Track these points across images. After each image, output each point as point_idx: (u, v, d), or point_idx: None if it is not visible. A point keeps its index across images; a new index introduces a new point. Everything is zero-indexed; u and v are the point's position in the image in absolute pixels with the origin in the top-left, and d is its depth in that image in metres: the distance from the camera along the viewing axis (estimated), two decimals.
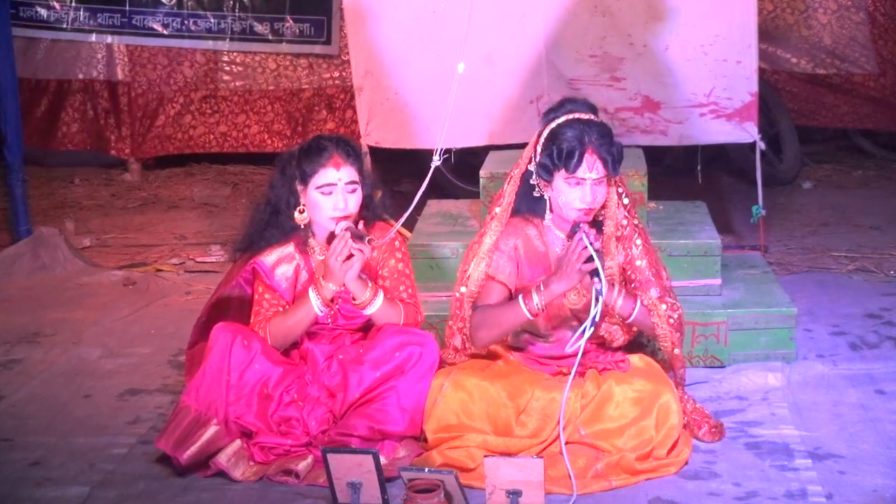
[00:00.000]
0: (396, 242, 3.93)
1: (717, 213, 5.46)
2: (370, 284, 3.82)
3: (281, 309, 3.87)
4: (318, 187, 3.77)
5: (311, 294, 3.76)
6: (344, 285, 3.77)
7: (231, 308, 3.97)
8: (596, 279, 3.59)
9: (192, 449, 3.61)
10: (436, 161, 3.91)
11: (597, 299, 3.60)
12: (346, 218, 3.78)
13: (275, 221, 3.85)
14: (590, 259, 3.58)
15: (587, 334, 3.62)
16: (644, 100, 5.58)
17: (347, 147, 3.85)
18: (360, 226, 3.82)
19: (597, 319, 3.62)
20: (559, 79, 5.57)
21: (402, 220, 3.81)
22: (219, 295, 3.98)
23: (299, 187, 3.82)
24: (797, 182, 7.62)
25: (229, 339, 3.73)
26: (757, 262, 5.24)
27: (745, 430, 3.91)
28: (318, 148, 3.81)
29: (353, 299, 3.81)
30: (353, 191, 3.80)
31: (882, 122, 8.01)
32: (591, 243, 3.58)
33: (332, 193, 3.77)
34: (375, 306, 3.82)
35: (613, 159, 3.68)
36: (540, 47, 5.53)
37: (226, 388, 3.70)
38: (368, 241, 3.72)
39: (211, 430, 3.65)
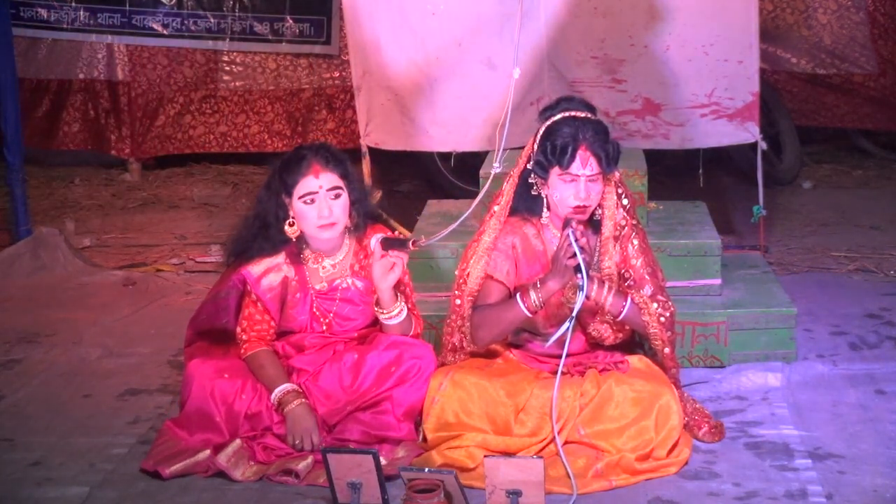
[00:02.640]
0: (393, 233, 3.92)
1: (717, 213, 5.46)
2: (399, 296, 3.82)
3: (268, 324, 3.87)
4: (300, 197, 3.75)
5: (274, 398, 3.75)
6: (304, 250, 3.79)
7: (229, 308, 3.97)
8: (578, 274, 3.60)
9: (177, 466, 3.62)
10: (496, 168, 3.89)
11: (576, 294, 3.63)
12: (332, 226, 3.77)
13: (265, 234, 3.82)
14: (575, 254, 3.59)
15: (567, 326, 3.62)
16: (645, 102, 5.58)
17: (326, 153, 3.81)
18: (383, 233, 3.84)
19: (575, 313, 3.63)
20: (560, 80, 5.56)
21: (446, 231, 3.83)
22: (215, 293, 3.98)
23: (286, 200, 3.81)
24: (797, 182, 7.62)
25: (209, 381, 3.74)
26: (757, 262, 5.24)
27: (745, 430, 3.91)
28: (296, 158, 3.79)
29: (379, 306, 3.81)
30: (337, 196, 3.78)
31: (882, 122, 8.00)
32: (575, 239, 3.59)
33: (314, 202, 3.76)
34: (400, 318, 3.82)
35: (607, 156, 3.69)
36: (541, 49, 5.53)
37: (222, 424, 3.72)
38: (413, 243, 3.71)
39: (202, 455, 3.66)
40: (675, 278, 4.55)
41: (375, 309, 3.82)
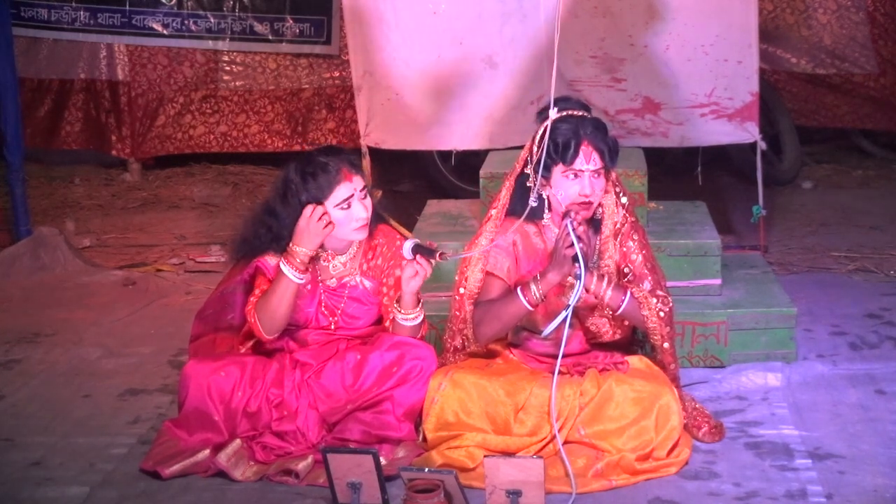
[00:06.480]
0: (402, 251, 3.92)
1: (717, 213, 5.46)
2: (421, 302, 3.83)
3: None
4: (336, 204, 3.75)
5: (283, 266, 3.73)
6: (317, 249, 3.78)
7: (236, 304, 3.98)
8: (576, 264, 3.61)
9: (176, 466, 3.63)
10: (533, 201, 3.82)
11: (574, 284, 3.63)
12: (366, 226, 3.79)
13: (277, 246, 3.80)
14: (573, 244, 3.60)
15: (564, 315, 3.62)
16: (644, 101, 5.58)
17: (348, 157, 3.85)
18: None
19: (573, 302, 3.62)
20: (559, 80, 5.54)
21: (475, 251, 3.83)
22: (221, 289, 3.98)
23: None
24: (797, 182, 7.62)
25: (205, 379, 3.74)
26: (757, 262, 5.24)
27: (745, 430, 3.91)
28: (323, 167, 3.75)
29: (399, 307, 3.81)
30: (366, 196, 3.81)
31: (882, 122, 8.00)
32: (573, 229, 3.60)
33: (351, 206, 3.77)
34: (415, 322, 3.83)
35: (609, 149, 3.71)
36: (541, 48, 5.54)
37: (221, 423, 3.73)
38: (440, 256, 3.71)
39: (201, 455, 3.67)
40: (675, 278, 4.55)
41: (395, 306, 3.83)
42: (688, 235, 4.85)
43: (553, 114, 3.71)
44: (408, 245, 3.75)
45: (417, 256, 3.71)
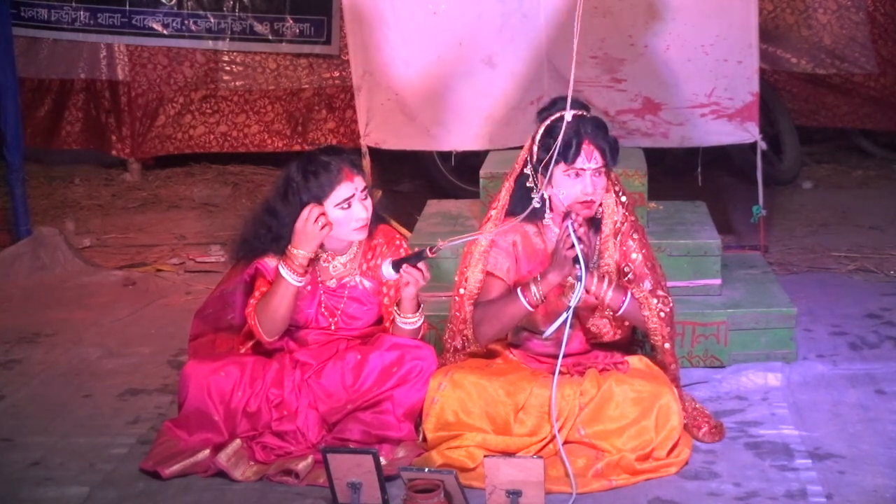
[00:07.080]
0: (401, 251, 3.92)
1: (717, 213, 5.46)
2: (421, 307, 3.84)
3: None
4: (336, 204, 3.75)
5: (282, 269, 3.73)
6: (317, 250, 3.78)
7: (236, 304, 3.98)
8: (577, 265, 3.61)
9: (176, 467, 3.63)
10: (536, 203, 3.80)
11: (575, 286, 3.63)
12: (366, 226, 3.79)
13: (276, 247, 3.80)
14: (573, 245, 3.60)
15: (564, 317, 3.63)
16: (645, 101, 5.58)
17: (350, 157, 3.85)
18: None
19: (574, 303, 3.63)
20: (559, 80, 5.56)
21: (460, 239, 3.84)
22: (222, 289, 3.99)
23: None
24: (797, 182, 7.62)
25: (205, 379, 3.74)
26: (757, 262, 5.25)
27: (745, 430, 3.92)
28: (324, 166, 3.75)
29: (398, 310, 3.82)
30: (366, 196, 3.81)
31: (882, 122, 7.99)
32: (573, 230, 3.60)
33: (351, 206, 3.77)
34: (414, 326, 3.84)
35: (611, 148, 3.72)
36: (541, 48, 5.54)
37: (221, 423, 3.73)
38: (431, 251, 3.69)
39: (200, 455, 3.67)
40: (675, 278, 4.55)
41: (395, 309, 3.83)
42: (688, 235, 4.85)
43: (568, 116, 3.70)
44: (385, 269, 3.73)
45: (405, 266, 3.71)
